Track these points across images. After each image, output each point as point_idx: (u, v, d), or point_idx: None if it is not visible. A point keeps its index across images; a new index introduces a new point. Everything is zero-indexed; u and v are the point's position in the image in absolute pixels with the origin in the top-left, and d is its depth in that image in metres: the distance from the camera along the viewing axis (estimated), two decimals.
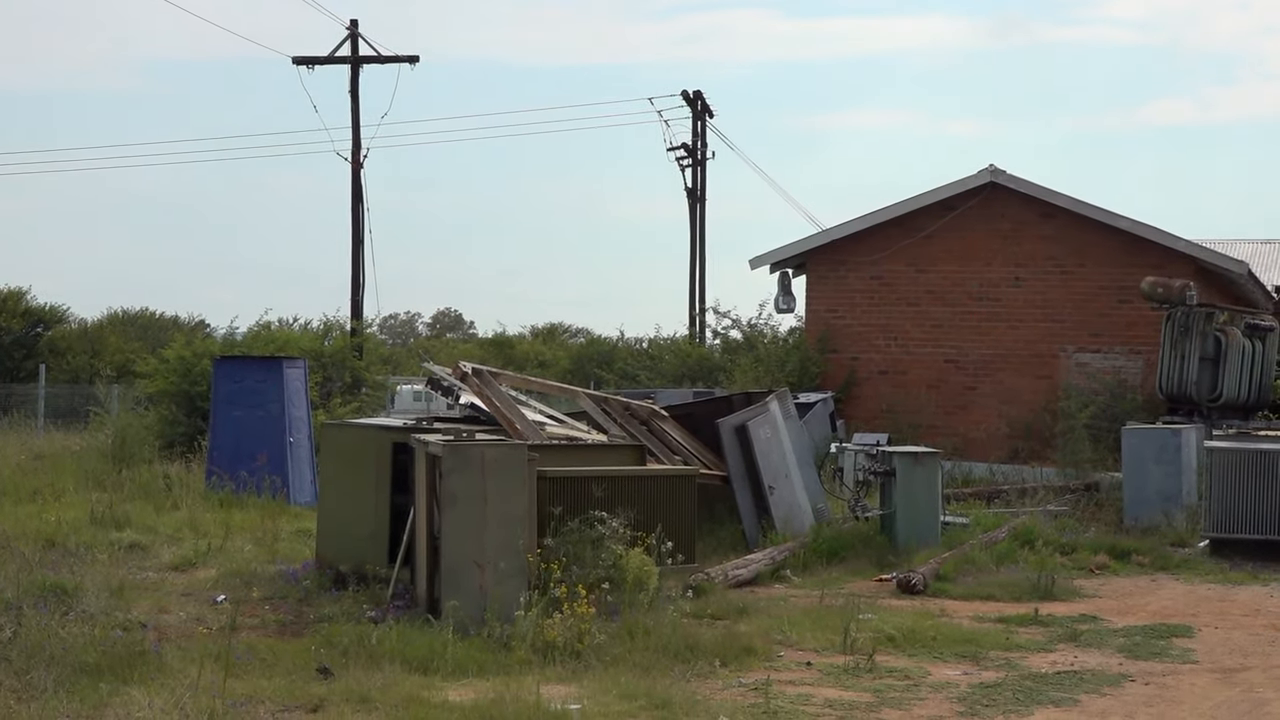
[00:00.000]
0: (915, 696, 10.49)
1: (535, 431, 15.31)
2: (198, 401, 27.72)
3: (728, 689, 10.52)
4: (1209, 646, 12.63)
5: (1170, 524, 19.27)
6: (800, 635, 12.40)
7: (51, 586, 12.66)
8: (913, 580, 15.08)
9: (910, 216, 28.27)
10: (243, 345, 31.37)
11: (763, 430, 17.63)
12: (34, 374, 41.07)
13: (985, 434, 27.34)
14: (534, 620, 11.38)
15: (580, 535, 12.86)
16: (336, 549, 14.63)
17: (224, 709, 8.86)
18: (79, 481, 21.65)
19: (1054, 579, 15.28)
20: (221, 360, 24.03)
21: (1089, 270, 27.37)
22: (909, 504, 17.42)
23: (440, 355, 52.30)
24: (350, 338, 35.59)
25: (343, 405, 30.48)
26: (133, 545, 16.61)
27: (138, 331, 55.19)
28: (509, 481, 12.08)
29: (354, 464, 14.82)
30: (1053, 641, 12.72)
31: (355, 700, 9.64)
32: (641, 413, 17.95)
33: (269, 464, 21.23)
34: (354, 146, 39.50)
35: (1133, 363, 26.96)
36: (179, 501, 20.11)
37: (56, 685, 9.61)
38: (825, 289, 28.94)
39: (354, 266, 39.04)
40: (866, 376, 28.39)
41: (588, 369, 45.02)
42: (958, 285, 28.06)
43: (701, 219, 49.18)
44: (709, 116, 49.65)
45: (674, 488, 14.41)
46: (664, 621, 11.99)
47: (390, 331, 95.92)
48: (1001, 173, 27.73)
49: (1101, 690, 10.79)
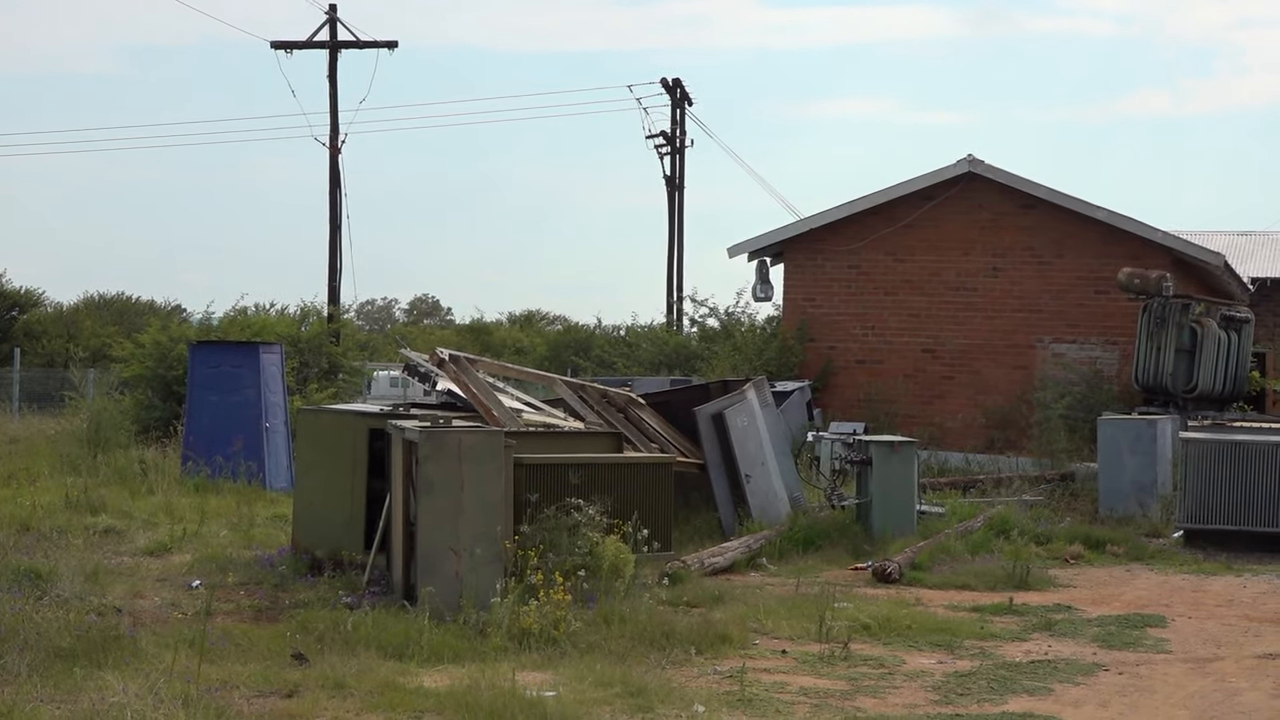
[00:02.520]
0: (890, 685, 10.52)
1: (512, 418, 15.31)
2: (174, 386, 27.66)
3: (703, 676, 10.53)
4: (1183, 636, 12.68)
5: (1145, 514, 19.34)
6: (776, 623, 12.43)
7: (26, 571, 12.63)
8: (888, 569, 15.11)
9: (889, 206, 28.29)
10: (219, 330, 31.28)
11: (740, 418, 17.64)
12: (8, 358, 40.92)
13: (961, 424, 27.41)
14: (510, 607, 11.39)
15: (557, 522, 12.88)
16: (312, 535, 14.61)
17: (198, 694, 8.85)
18: (54, 466, 21.61)
19: (1029, 569, 15.33)
20: (198, 345, 23.97)
21: (1066, 261, 27.43)
22: (885, 493, 17.46)
23: (417, 342, 52.20)
24: (327, 323, 35.52)
25: (319, 391, 30.42)
26: (108, 530, 16.58)
27: (113, 316, 55.00)
28: (485, 468, 12.07)
29: (330, 450, 14.80)
30: (1027, 631, 12.77)
31: (330, 686, 9.63)
32: (619, 400, 17.96)
33: (245, 449, 21.20)
34: (332, 132, 39.43)
35: (1109, 354, 27.03)
36: (154, 486, 20.08)
37: (31, 670, 9.59)
38: (803, 278, 28.96)
39: (331, 252, 38.99)
40: (844, 365, 28.43)
41: (565, 356, 44.99)
42: (935, 275, 28.11)
43: (680, 207, 49.22)
44: (688, 104, 49.65)
45: (651, 475, 14.43)
46: (640, 609, 12.00)
47: (367, 317, 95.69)
48: (980, 163, 27.76)
49: (1075, 680, 10.83)
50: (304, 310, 36.57)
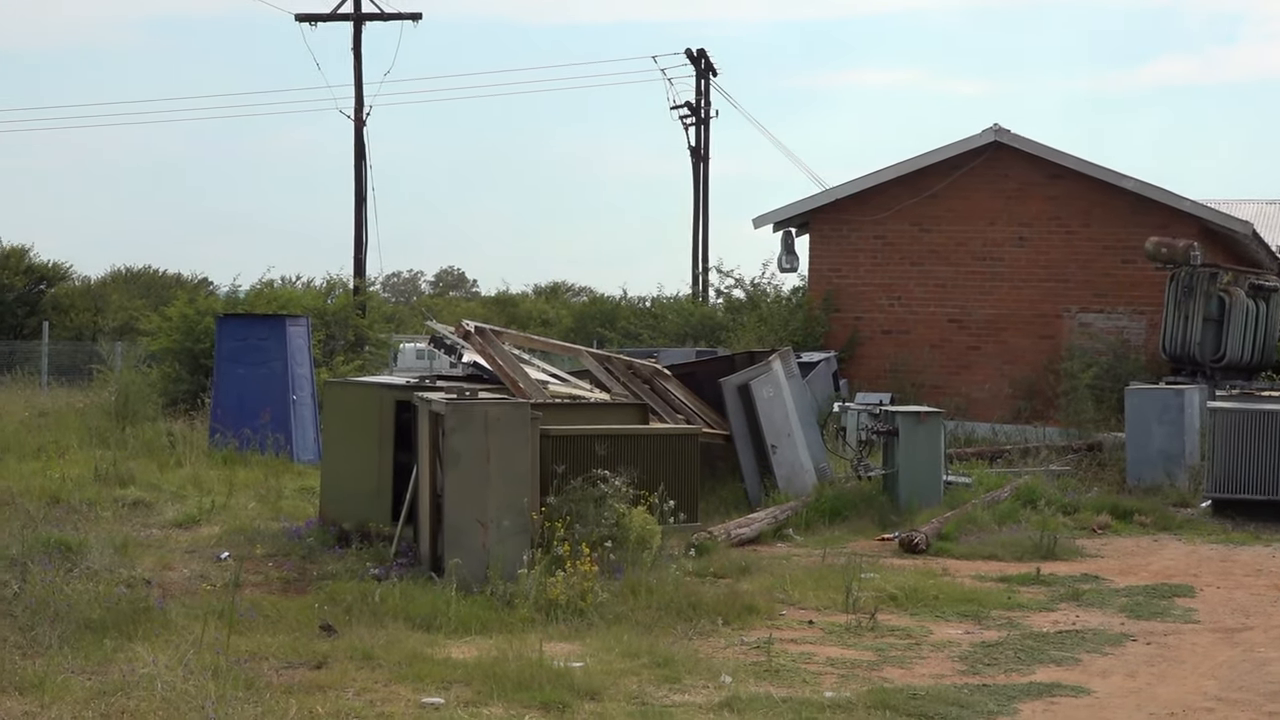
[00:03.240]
0: (917, 655, 10.52)
1: (538, 390, 15.32)
2: (201, 359, 27.74)
3: (730, 647, 10.55)
4: (1211, 606, 12.65)
5: (1173, 484, 19.29)
6: (802, 594, 12.43)
7: (56, 543, 12.68)
8: (915, 539, 15.10)
9: (914, 176, 28.17)
10: (246, 303, 31.34)
11: (765, 389, 17.63)
12: (37, 331, 41.07)
13: (988, 394, 27.34)
14: (537, 578, 11.41)
15: (583, 494, 12.88)
16: (340, 507, 14.65)
17: (227, 665, 8.88)
18: (83, 438, 21.69)
19: (1056, 539, 15.30)
20: (225, 318, 24.04)
21: (1093, 230, 27.30)
22: (911, 463, 17.43)
23: (443, 314, 52.32)
24: (353, 296, 35.59)
25: (346, 363, 30.50)
26: (137, 502, 16.64)
27: (140, 289, 55.13)
28: (512, 440, 12.08)
29: (357, 422, 14.82)
30: (1054, 601, 12.75)
31: (358, 657, 9.67)
32: (644, 371, 17.95)
33: (272, 422, 21.25)
34: (357, 104, 39.46)
35: (1136, 323, 26.92)
36: (183, 459, 20.14)
37: (61, 641, 9.64)
38: (829, 248, 28.88)
39: (357, 224, 39.06)
40: (870, 336, 28.36)
41: (590, 328, 45.00)
42: (962, 245, 28.00)
43: (705, 178, 49.15)
44: (713, 75, 49.56)
45: (677, 446, 14.42)
46: (666, 580, 12.02)
47: (393, 290, 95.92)
48: (1006, 132, 27.63)
49: (1103, 650, 10.81)
50: (330, 283, 36.68)
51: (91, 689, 8.58)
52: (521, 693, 8.85)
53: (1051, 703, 9.22)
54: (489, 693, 8.88)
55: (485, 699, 8.79)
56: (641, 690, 9.15)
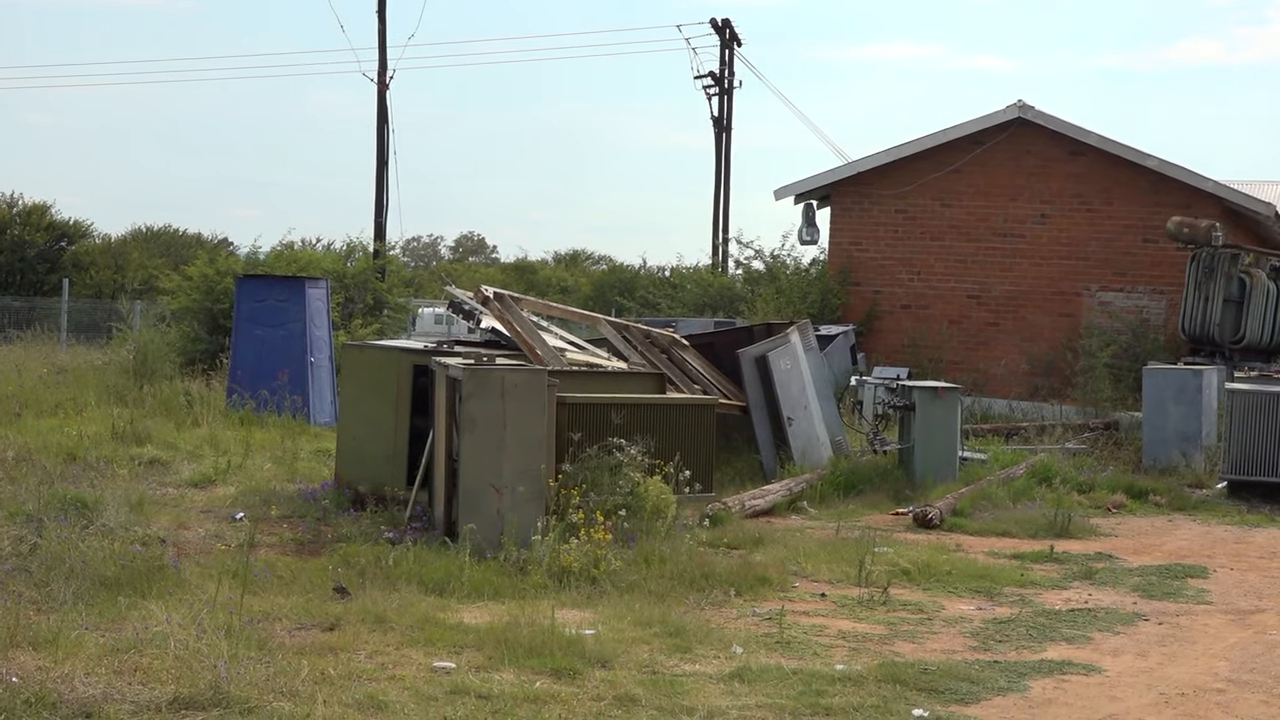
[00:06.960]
0: (928, 630, 10.53)
1: (556, 357, 15.32)
2: (220, 319, 27.80)
3: (742, 618, 10.56)
4: (1224, 588, 12.64)
5: (1189, 465, 19.26)
6: (815, 567, 12.44)
7: (72, 500, 12.71)
8: (929, 515, 15.10)
9: (937, 150, 28.12)
10: (265, 264, 31.39)
11: (783, 361, 17.62)
12: (57, 288, 41.18)
13: (1006, 370, 27.31)
14: (551, 545, 11.43)
15: (599, 462, 12.89)
16: (355, 470, 14.68)
17: (241, 625, 8.91)
18: (100, 396, 21.73)
19: (1070, 517, 15.30)
20: (244, 279, 24.04)
21: (1115, 209, 27.23)
22: (927, 439, 17.42)
23: (462, 279, 52.33)
24: (373, 259, 35.60)
25: (364, 326, 30.53)
26: (153, 461, 16.68)
27: (161, 248, 55.28)
28: (528, 406, 12.09)
29: (374, 385, 14.84)
30: (1067, 579, 12.74)
31: (371, 620, 9.69)
32: (662, 341, 17.95)
33: (290, 383, 21.27)
34: (380, 67, 39.35)
35: (1156, 303, 26.85)
36: (200, 418, 20.17)
37: (76, 598, 9.68)
38: (849, 221, 28.84)
39: (378, 188, 38.98)
40: (888, 310, 28.34)
41: (609, 296, 45.02)
42: (982, 221, 27.95)
43: (727, 148, 49.03)
44: (737, 45, 49.38)
45: (693, 417, 14.42)
46: (680, 550, 12.03)
47: (413, 254, 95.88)
48: (1030, 108, 27.54)
49: (1115, 629, 10.81)
50: (350, 246, 36.68)
51: (105, 645, 8.61)
52: (532, 659, 8.87)
53: (1062, 680, 9.22)
54: (500, 658, 8.90)
55: (496, 664, 8.81)
56: (652, 659, 9.17)
